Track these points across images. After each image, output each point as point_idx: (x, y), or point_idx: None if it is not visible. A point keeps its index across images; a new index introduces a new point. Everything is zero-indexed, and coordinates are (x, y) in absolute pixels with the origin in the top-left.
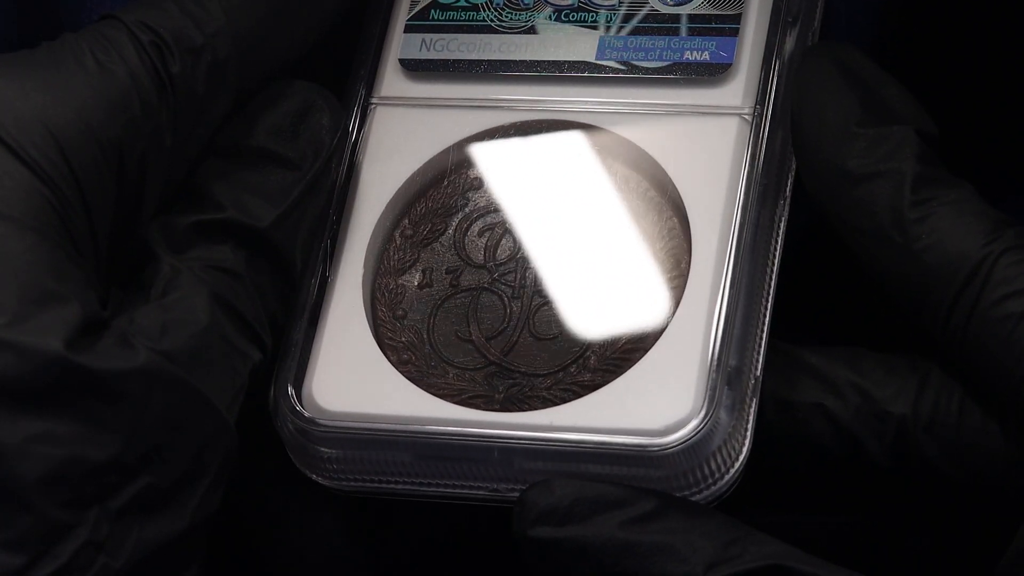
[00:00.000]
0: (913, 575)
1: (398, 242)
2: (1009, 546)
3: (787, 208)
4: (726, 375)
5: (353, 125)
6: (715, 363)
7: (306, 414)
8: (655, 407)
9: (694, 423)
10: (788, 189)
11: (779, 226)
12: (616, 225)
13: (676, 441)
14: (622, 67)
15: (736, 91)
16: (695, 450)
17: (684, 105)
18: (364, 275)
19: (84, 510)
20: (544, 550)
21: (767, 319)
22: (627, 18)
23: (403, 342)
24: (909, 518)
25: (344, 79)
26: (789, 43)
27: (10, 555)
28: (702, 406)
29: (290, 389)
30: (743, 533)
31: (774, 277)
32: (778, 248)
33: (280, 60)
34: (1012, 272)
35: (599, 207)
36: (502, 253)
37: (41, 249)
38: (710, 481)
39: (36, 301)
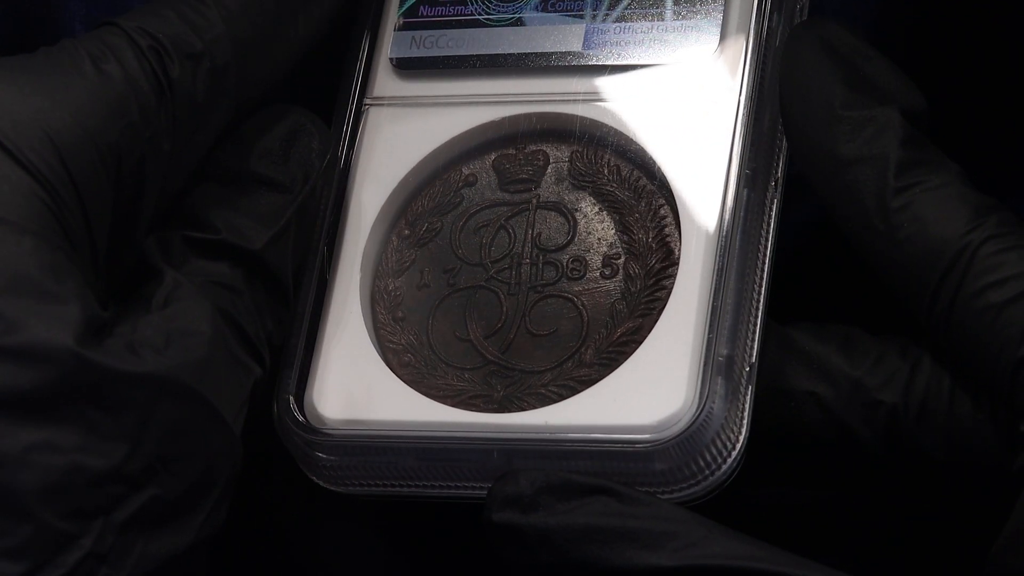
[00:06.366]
0: (908, 547)
1: (396, 243)
2: (1003, 527)
3: (779, 190)
4: (718, 365)
5: (347, 127)
6: (707, 353)
7: (309, 423)
8: (648, 402)
9: (687, 417)
10: (779, 171)
11: (771, 208)
12: None
13: (670, 436)
14: (609, 55)
15: (722, 74)
16: (690, 443)
17: (671, 90)
18: (362, 278)
19: (88, 521)
20: (509, 535)
21: (761, 304)
22: (613, 5)
23: (403, 344)
24: (902, 499)
25: (335, 79)
26: (775, 23)
27: (11, 563)
28: (694, 399)
29: (292, 399)
30: (709, 527)
31: (768, 260)
32: (771, 230)
33: (278, 67)
34: (993, 261)
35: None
36: (497, 250)
37: (40, 252)
38: (707, 472)
39: (36, 303)
